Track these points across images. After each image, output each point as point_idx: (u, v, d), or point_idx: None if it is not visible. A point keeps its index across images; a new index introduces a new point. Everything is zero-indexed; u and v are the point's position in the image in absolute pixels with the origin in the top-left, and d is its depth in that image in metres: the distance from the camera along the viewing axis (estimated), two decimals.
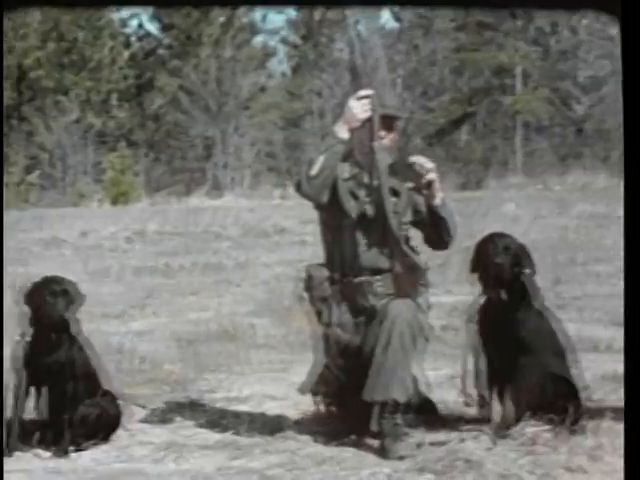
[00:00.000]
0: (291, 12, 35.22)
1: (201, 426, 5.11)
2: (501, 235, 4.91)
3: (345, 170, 4.66)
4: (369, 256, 4.65)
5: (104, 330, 7.36)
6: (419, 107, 34.21)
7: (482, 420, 4.80)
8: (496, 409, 4.80)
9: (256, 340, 7.29)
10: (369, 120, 4.55)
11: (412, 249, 4.71)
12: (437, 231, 4.73)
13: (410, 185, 4.64)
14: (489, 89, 34.96)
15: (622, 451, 4.32)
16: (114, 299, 9.18)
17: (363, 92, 4.55)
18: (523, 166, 32.82)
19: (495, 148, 34.73)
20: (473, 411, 4.89)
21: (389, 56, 33.61)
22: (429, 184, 4.60)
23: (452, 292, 8.49)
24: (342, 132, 4.57)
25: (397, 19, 35.88)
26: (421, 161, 4.62)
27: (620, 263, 11.10)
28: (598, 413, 4.83)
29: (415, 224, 4.77)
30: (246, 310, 8.50)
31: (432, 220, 4.69)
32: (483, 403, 4.86)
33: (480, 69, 34.68)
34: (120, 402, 4.97)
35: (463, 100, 35.03)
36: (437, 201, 4.65)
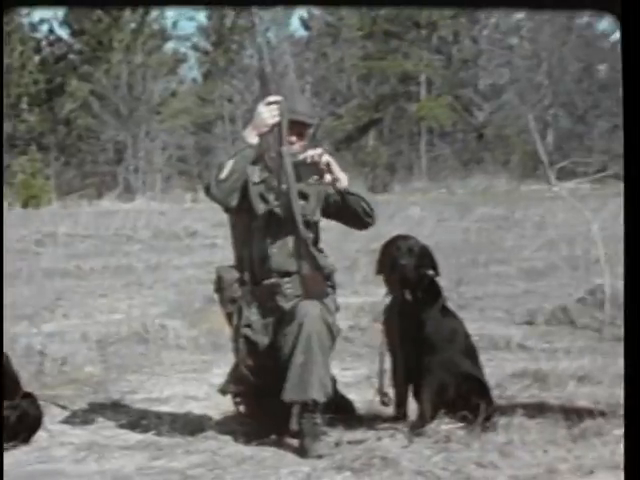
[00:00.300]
0: (202, 19, 35.11)
1: (122, 427, 5.05)
2: (405, 237, 4.94)
3: (255, 174, 4.66)
4: (278, 258, 4.65)
5: (16, 332, 7.24)
6: (328, 113, 34.36)
7: (398, 418, 4.84)
8: (411, 408, 4.85)
9: (168, 342, 7.23)
10: (278, 125, 4.55)
11: (320, 251, 4.73)
12: (355, 211, 4.73)
13: (315, 178, 4.64)
14: (395, 96, 35.27)
15: (532, 446, 4.41)
16: (24, 301, 9.03)
17: (272, 98, 4.55)
18: (427, 171, 33.18)
19: (400, 153, 35.06)
20: (390, 410, 4.92)
21: (298, 63, 33.69)
22: (328, 167, 4.61)
23: (359, 293, 8.54)
24: (251, 137, 4.57)
25: (306, 27, 35.98)
26: (310, 153, 4.63)
27: (519, 264, 11.26)
28: (509, 410, 4.89)
29: (334, 215, 4.78)
30: (158, 312, 8.43)
31: (346, 202, 4.69)
32: (399, 402, 4.89)
33: (386, 77, 34.97)
34: (41, 403, 4.90)
35: (370, 107, 35.28)
36: (343, 182, 4.65)
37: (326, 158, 4.61)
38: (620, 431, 4.55)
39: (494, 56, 34.76)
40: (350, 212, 4.72)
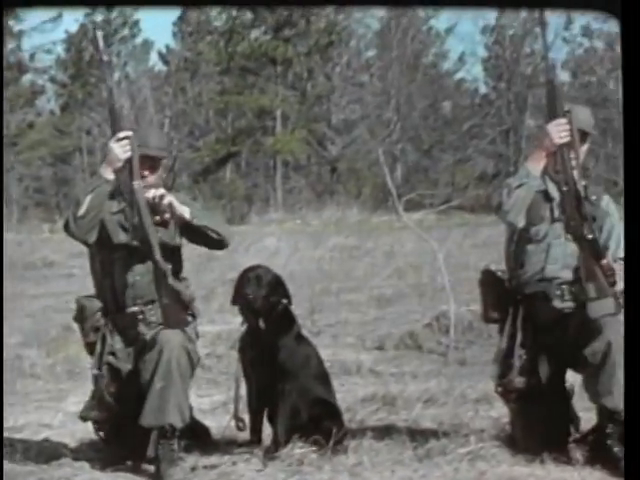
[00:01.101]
0: (60, 51, 34.53)
1: None
2: (254, 268, 4.97)
3: (114, 205, 4.64)
4: (140, 286, 4.63)
5: None
6: (186, 146, 34.19)
7: (253, 443, 4.84)
8: (267, 432, 4.86)
9: (23, 370, 7.06)
10: (129, 161, 4.53)
11: (182, 279, 4.72)
12: (207, 238, 4.72)
13: (156, 219, 4.62)
14: (251, 130, 35.35)
15: (380, 467, 4.47)
16: None
17: (122, 134, 4.53)
18: (283, 202, 33.31)
19: (257, 185, 35.13)
20: (245, 435, 4.91)
21: (157, 97, 33.48)
22: (170, 207, 4.60)
23: (215, 321, 8.51)
24: (107, 173, 4.54)
25: (165, 62, 35.79)
26: (151, 194, 4.62)
27: (370, 292, 11.36)
28: (359, 433, 4.98)
29: (190, 239, 4.78)
30: (14, 342, 8.22)
31: (196, 231, 4.69)
32: (254, 427, 4.89)
33: (243, 111, 35.03)
34: None
35: (227, 140, 35.26)
36: (187, 215, 4.65)
37: (167, 200, 4.60)
38: (464, 449, 4.67)
39: (346, 92, 35.26)
40: (203, 239, 4.72)
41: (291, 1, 7.51)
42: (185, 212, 4.63)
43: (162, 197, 4.59)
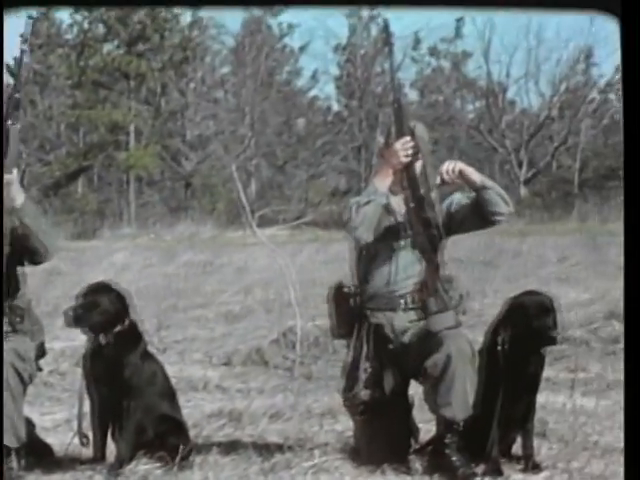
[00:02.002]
0: None
1: None
2: (93, 285, 4.88)
3: None
4: None
5: None
6: (36, 160, 33.46)
7: (96, 460, 4.75)
8: (110, 449, 4.78)
9: None
10: None
11: (21, 297, 4.61)
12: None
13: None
14: (104, 145, 34.86)
15: None
16: None
17: None
18: (136, 217, 32.94)
19: (110, 200, 34.65)
20: (89, 452, 4.82)
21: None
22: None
23: (60, 338, 8.32)
24: None
25: (12, 74, 34.95)
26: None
27: (218, 308, 11.26)
28: (205, 448, 4.94)
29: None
30: None
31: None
32: (97, 444, 4.80)
33: (95, 125, 34.51)
34: None
35: (79, 154, 34.68)
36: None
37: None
38: (308, 463, 4.70)
39: (200, 108, 35.16)
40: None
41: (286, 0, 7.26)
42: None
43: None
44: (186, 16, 34.87)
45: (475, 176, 4.60)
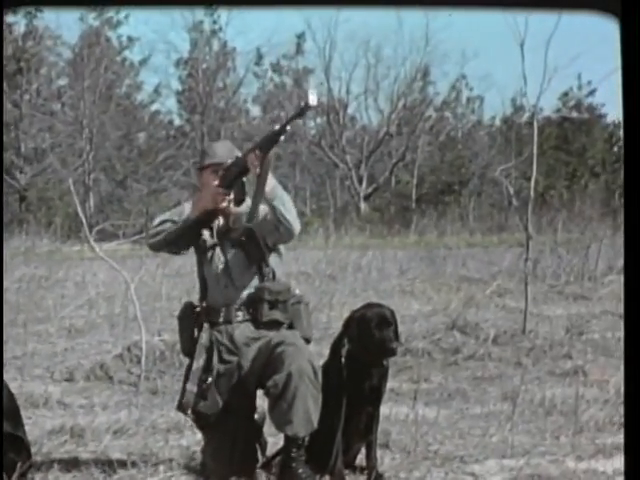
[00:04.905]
0: None
1: None
2: None
3: None
4: None
5: None
6: None
7: None
8: None
9: None
10: None
11: None
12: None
13: None
14: None
15: None
16: None
17: None
18: None
19: None
20: None
21: None
22: None
23: None
24: None
25: None
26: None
27: (60, 322, 10.95)
28: (45, 465, 4.89)
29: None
30: None
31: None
32: None
33: None
34: None
35: None
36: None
37: None
38: (152, 479, 4.66)
39: (36, 120, 34.35)
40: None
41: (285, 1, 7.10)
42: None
43: None
44: (20, 25, 34.08)
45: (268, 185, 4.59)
